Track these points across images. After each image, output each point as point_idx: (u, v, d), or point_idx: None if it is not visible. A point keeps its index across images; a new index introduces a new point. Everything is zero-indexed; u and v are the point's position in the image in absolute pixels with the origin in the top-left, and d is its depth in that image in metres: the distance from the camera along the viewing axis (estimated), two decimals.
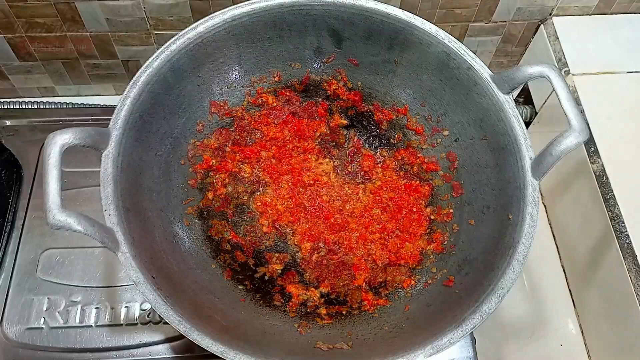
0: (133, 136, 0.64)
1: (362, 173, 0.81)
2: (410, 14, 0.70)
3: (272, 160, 0.80)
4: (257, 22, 0.72)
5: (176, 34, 0.69)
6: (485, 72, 0.68)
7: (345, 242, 0.75)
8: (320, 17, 0.72)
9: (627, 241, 0.75)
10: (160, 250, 0.64)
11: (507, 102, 0.66)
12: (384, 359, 0.57)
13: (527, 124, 0.97)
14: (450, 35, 0.70)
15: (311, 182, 0.79)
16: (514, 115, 0.66)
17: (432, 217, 0.76)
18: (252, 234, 0.77)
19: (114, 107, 0.64)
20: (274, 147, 0.79)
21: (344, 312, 0.71)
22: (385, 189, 0.79)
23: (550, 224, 0.94)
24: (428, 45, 0.71)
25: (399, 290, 0.72)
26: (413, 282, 0.72)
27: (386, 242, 0.75)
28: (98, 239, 0.55)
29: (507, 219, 0.64)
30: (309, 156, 0.80)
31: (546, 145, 0.60)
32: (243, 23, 0.71)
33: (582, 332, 0.86)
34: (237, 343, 0.57)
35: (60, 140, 0.55)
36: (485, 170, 0.70)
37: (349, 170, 0.81)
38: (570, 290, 0.89)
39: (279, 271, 0.74)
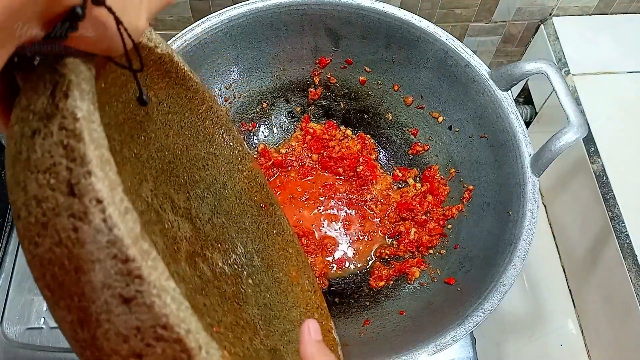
0: None
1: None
2: (407, 12, 0.70)
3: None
4: (254, 23, 0.72)
5: (176, 34, 0.69)
6: (483, 69, 0.68)
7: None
8: (317, 17, 0.73)
9: (627, 241, 0.75)
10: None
11: (506, 99, 0.66)
12: (387, 358, 0.56)
13: (527, 124, 0.97)
14: (447, 33, 0.70)
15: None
16: (512, 112, 0.66)
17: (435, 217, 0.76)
18: None
19: None
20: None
21: (347, 311, 0.71)
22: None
23: (550, 224, 0.94)
24: (425, 43, 0.71)
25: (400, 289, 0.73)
26: (415, 280, 0.72)
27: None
28: None
29: (507, 216, 0.64)
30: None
31: (545, 141, 0.60)
32: (240, 24, 0.71)
33: (582, 332, 0.86)
34: None
35: None
36: (485, 167, 0.70)
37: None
38: (570, 290, 0.89)
39: None
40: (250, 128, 0.82)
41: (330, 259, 0.76)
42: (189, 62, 0.69)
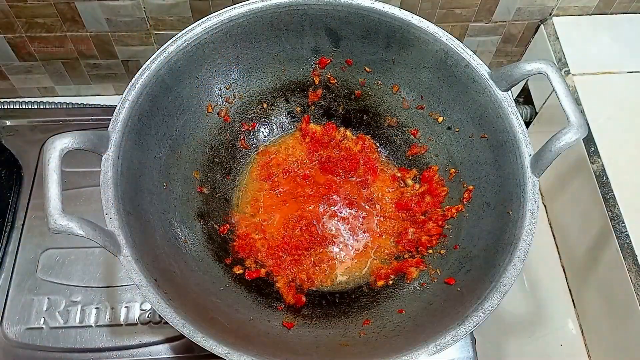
0: (132, 139, 0.64)
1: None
2: (407, 12, 0.70)
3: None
4: (254, 23, 0.72)
5: (176, 34, 0.69)
6: (483, 70, 0.68)
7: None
8: (317, 17, 0.73)
9: (627, 241, 0.75)
10: (161, 253, 0.64)
11: (506, 99, 0.66)
12: (387, 358, 0.56)
13: (527, 124, 0.97)
14: (447, 33, 0.70)
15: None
16: (512, 112, 0.66)
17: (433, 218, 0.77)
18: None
19: (113, 107, 0.64)
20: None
21: (347, 311, 0.71)
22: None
23: (550, 224, 0.94)
24: (425, 43, 0.71)
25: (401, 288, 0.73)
26: (414, 280, 0.72)
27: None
28: (100, 242, 0.54)
29: (507, 216, 0.64)
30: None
31: (545, 141, 0.60)
32: (240, 24, 0.71)
33: (582, 332, 0.86)
34: (241, 344, 0.57)
35: (60, 144, 0.55)
36: (485, 167, 0.70)
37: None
38: (570, 290, 0.89)
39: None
40: (250, 128, 0.82)
41: (332, 255, 0.76)
42: (188, 62, 0.70)
